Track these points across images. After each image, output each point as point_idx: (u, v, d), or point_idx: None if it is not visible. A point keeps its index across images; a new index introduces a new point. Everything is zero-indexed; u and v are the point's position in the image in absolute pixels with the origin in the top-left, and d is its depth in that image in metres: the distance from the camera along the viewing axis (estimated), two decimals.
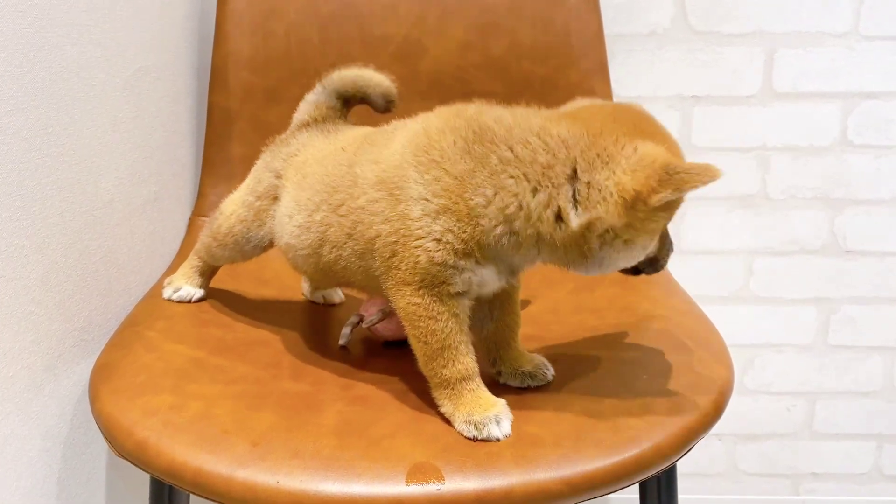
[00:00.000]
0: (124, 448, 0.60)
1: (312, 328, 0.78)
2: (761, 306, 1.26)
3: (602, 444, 0.57)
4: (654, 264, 0.57)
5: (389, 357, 0.71)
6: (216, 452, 0.57)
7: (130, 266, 0.83)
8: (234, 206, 0.75)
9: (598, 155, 0.51)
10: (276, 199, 0.70)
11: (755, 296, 1.25)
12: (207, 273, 0.81)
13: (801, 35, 1.14)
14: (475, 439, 0.56)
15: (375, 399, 0.64)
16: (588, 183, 0.51)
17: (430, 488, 0.54)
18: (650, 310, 0.76)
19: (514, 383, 0.63)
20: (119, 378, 0.66)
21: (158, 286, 0.84)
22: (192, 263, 0.81)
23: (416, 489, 0.54)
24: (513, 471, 0.54)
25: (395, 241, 0.55)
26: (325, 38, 0.98)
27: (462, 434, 0.56)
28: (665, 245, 0.57)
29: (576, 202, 0.51)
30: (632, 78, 1.16)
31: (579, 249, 0.53)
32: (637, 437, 0.57)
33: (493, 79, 0.97)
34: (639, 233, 0.52)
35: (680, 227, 1.22)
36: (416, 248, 0.54)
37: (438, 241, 0.54)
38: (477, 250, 0.54)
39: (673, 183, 0.49)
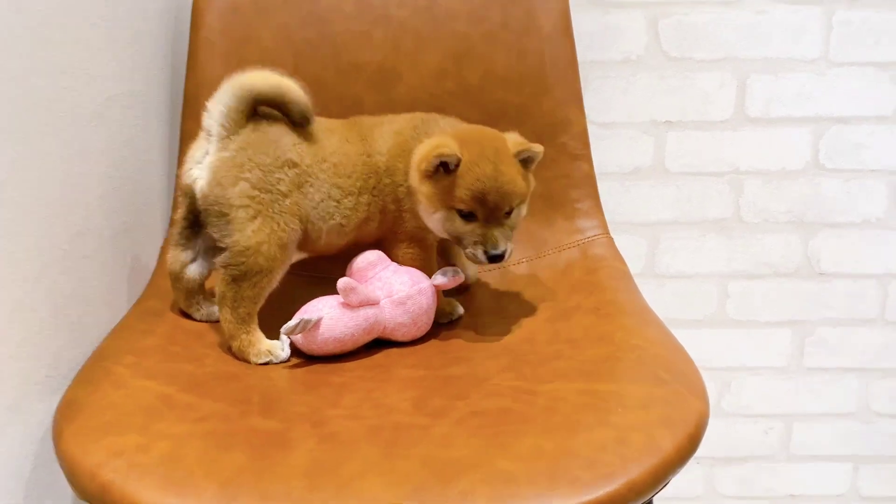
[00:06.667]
0: (87, 491, 0.58)
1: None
2: (737, 329, 1.26)
3: (577, 482, 0.56)
4: (460, 242, 0.78)
5: (362, 389, 0.70)
6: (183, 496, 0.56)
7: (101, 299, 0.81)
8: (258, 236, 0.73)
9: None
10: (300, 186, 0.76)
11: (730, 319, 1.26)
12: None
13: (772, 61, 1.16)
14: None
15: (347, 435, 0.63)
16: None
17: None
18: (625, 339, 0.76)
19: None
20: (85, 417, 0.65)
21: (128, 318, 0.82)
22: (247, 328, 0.76)
23: None
24: None
25: (396, 212, 0.81)
26: (299, 65, 0.98)
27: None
28: (470, 237, 0.77)
29: None
30: (606, 104, 1.17)
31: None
32: (612, 473, 0.57)
33: (469, 106, 0.97)
34: (421, 196, 0.77)
35: (655, 252, 1.23)
36: (405, 217, 0.81)
37: (411, 212, 0.80)
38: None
39: (426, 160, 0.75)
